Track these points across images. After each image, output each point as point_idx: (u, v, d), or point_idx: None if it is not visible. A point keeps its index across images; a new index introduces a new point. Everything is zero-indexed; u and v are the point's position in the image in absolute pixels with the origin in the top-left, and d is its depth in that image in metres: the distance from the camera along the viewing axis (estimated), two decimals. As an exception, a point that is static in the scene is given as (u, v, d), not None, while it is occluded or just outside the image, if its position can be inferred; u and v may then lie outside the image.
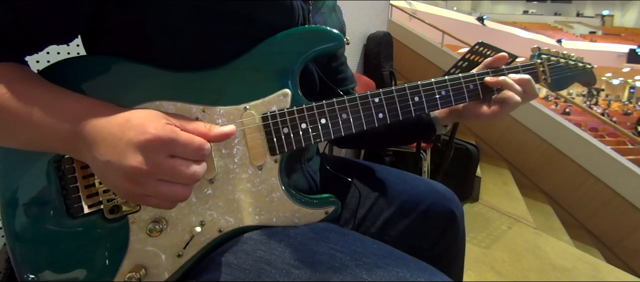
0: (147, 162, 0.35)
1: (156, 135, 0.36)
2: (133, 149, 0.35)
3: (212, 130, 0.42)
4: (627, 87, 23.30)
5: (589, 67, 0.70)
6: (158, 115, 0.39)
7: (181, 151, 0.37)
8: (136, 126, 0.36)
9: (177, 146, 0.37)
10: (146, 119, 0.37)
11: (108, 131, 0.37)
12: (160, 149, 0.36)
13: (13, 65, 0.41)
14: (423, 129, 0.68)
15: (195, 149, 0.38)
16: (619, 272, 1.83)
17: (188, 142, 0.38)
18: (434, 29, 5.00)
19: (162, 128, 0.36)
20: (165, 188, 0.37)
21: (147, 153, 0.35)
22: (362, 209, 0.67)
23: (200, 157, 0.39)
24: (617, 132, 6.11)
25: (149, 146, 0.35)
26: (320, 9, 0.62)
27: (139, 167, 0.35)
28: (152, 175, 0.36)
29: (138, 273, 0.44)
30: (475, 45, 1.18)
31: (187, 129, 0.40)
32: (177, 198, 0.39)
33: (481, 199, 2.52)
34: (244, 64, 0.48)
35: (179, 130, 0.38)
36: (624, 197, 2.89)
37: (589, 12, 26.04)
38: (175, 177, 0.37)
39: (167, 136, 0.36)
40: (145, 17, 0.44)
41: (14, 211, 0.43)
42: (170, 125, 0.38)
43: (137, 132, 0.36)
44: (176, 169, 0.37)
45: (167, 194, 0.37)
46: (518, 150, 3.44)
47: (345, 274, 0.41)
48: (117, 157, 0.35)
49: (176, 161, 0.37)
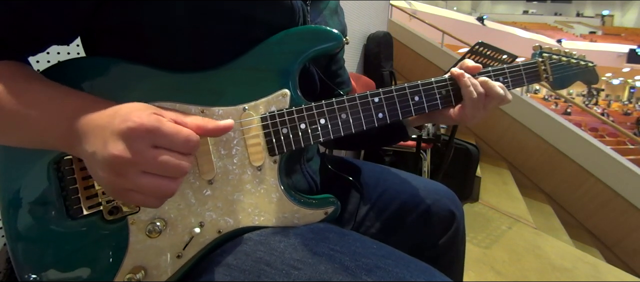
0: (128, 150, 0.34)
1: (139, 122, 0.34)
2: (115, 138, 0.34)
3: (209, 124, 0.40)
4: (627, 87, 23.30)
5: (591, 65, 0.70)
6: (147, 106, 0.38)
7: (166, 142, 0.36)
8: (121, 116, 0.35)
9: (160, 136, 0.35)
10: (133, 108, 0.36)
11: (97, 123, 0.36)
12: (142, 137, 0.34)
13: (12, 64, 0.41)
14: (395, 133, 0.68)
15: (182, 140, 0.36)
16: (619, 272, 1.83)
17: (173, 132, 0.36)
18: (434, 29, 5.00)
19: (147, 117, 0.35)
20: (149, 181, 0.35)
21: (128, 141, 0.34)
22: (362, 209, 0.67)
23: (187, 149, 0.37)
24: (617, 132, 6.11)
25: (131, 133, 0.34)
26: (322, 11, 0.62)
27: (119, 155, 0.33)
28: (134, 164, 0.34)
29: (138, 274, 0.44)
30: (475, 45, 1.18)
31: (183, 122, 0.39)
32: (163, 192, 0.37)
33: (481, 199, 2.52)
34: (243, 64, 0.48)
35: (165, 120, 0.36)
36: (624, 197, 2.90)
37: (589, 12, 26.06)
38: (159, 168, 0.35)
39: (150, 125, 0.35)
40: (144, 18, 0.44)
41: (14, 211, 0.43)
42: (156, 115, 0.36)
43: (121, 121, 0.34)
44: (159, 159, 0.35)
45: (151, 187, 0.36)
46: (518, 150, 3.45)
47: (345, 275, 0.41)
48: (101, 147, 0.35)
49: (160, 151, 0.35)
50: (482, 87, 0.56)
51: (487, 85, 0.56)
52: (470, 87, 0.55)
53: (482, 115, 0.57)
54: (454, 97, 0.57)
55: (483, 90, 0.56)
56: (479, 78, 0.56)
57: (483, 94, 0.56)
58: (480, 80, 0.56)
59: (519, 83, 0.62)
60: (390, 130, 0.68)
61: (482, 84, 0.56)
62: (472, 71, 0.56)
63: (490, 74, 0.59)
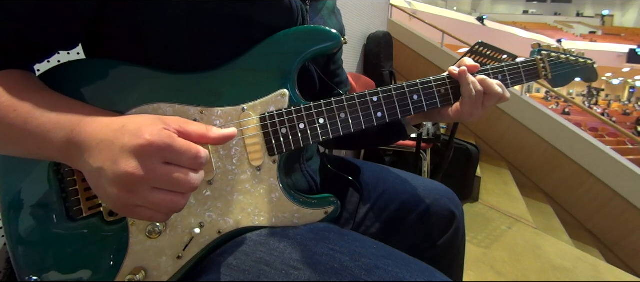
0: (141, 167, 0.34)
1: (151, 141, 0.34)
2: (127, 155, 0.34)
3: (211, 132, 0.40)
4: (627, 87, 23.30)
5: (590, 62, 0.70)
6: (155, 121, 0.37)
7: (177, 158, 0.36)
8: (131, 131, 0.35)
9: (172, 153, 0.35)
10: (143, 124, 0.36)
11: (103, 137, 0.36)
12: (155, 154, 0.34)
13: (15, 73, 0.41)
14: (394, 131, 0.69)
15: (192, 157, 0.37)
16: (619, 272, 1.83)
17: (185, 149, 0.36)
18: (434, 29, 5.00)
19: (158, 133, 0.35)
20: (160, 196, 0.35)
21: (141, 158, 0.34)
22: (362, 209, 0.67)
23: (197, 165, 0.37)
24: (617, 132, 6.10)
25: (144, 151, 0.34)
26: (320, 11, 0.62)
27: (132, 173, 0.33)
28: (146, 182, 0.34)
29: (138, 275, 0.44)
30: (475, 45, 1.18)
31: (187, 130, 0.39)
32: (172, 208, 0.37)
33: (481, 199, 2.52)
34: (242, 64, 0.48)
35: (177, 136, 0.37)
36: (624, 197, 2.90)
37: (589, 12, 26.05)
38: (170, 184, 0.36)
39: (162, 142, 0.35)
40: (143, 19, 0.44)
41: (15, 213, 0.43)
42: (168, 131, 0.36)
43: (132, 137, 0.34)
44: (171, 176, 0.35)
45: (160, 203, 0.36)
46: (518, 150, 3.44)
47: (345, 275, 0.41)
48: (110, 163, 0.34)
49: (172, 168, 0.36)
50: (480, 85, 0.56)
51: (486, 83, 0.56)
52: (470, 85, 0.55)
53: (481, 114, 0.58)
54: (453, 96, 0.57)
55: (482, 88, 0.56)
56: (478, 76, 0.57)
57: (482, 92, 0.56)
58: (478, 78, 0.56)
59: (517, 81, 0.62)
60: (389, 129, 0.68)
61: (480, 82, 0.56)
62: (471, 70, 0.57)
63: (488, 72, 0.59)
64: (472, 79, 0.56)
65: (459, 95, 0.57)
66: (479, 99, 0.56)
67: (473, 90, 0.55)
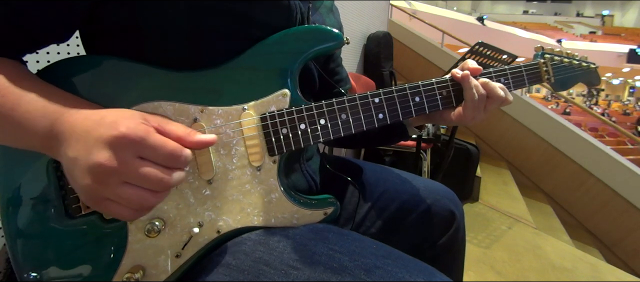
0: (114, 159, 0.33)
1: (125, 133, 0.34)
2: (101, 145, 0.34)
3: (190, 136, 0.39)
4: (627, 87, 23.29)
5: (593, 66, 0.70)
6: (134, 115, 0.37)
7: (152, 154, 0.35)
8: (108, 123, 0.35)
9: (147, 148, 0.35)
10: (121, 116, 0.36)
11: (81, 128, 0.36)
12: (128, 147, 0.34)
13: (3, 61, 0.41)
14: (395, 132, 0.68)
15: (167, 153, 0.36)
16: (619, 272, 1.84)
17: (159, 145, 0.35)
18: (434, 29, 5.00)
19: (135, 127, 0.35)
20: (129, 191, 0.35)
21: (115, 150, 0.34)
22: (361, 209, 0.67)
23: (174, 163, 0.37)
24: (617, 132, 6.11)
25: (118, 143, 0.34)
26: (318, 9, 0.62)
27: (103, 164, 0.33)
28: (117, 174, 0.34)
29: (137, 273, 0.44)
30: (475, 45, 1.18)
31: (165, 129, 0.38)
32: (141, 205, 0.36)
33: (481, 199, 2.52)
34: (243, 63, 0.48)
35: (154, 132, 0.36)
36: (624, 197, 2.90)
37: (589, 12, 26.05)
38: (141, 180, 0.35)
39: (137, 135, 0.34)
40: (143, 16, 0.44)
41: (14, 210, 0.43)
42: (145, 126, 0.36)
43: (108, 129, 0.34)
44: (143, 171, 0.35)
45: (130, 198, 0.35)
46: (518, 150, 3.44)
47: (344, 275, 0.41)
48: (84, 153, 0.34)
49: (145, 163, 0.35)
50: (483, 89, 0.55)
51: (489, 86, 0.55)
52: (472, 89, 0.55)
53: (482, 117, 0.57)
54: (455, 98, 0.57)
55: (485, 92, 0.55)
56: (480, 79, 0.56)
57: (484, 96, 0.55)
58: (481, 82, 0.56)
59: (520, 84, 0.62)
60: (391, 129, 0.68)
61: (483, 85, 0.55)
62: (474, 73, 0.56)
63: (491, 75, 0.59)
64: (475, 82, 0.55)
65: (460, 97, 0.57)
66: (481, 103, 0.55)
67: (476, 94, 0.55)
